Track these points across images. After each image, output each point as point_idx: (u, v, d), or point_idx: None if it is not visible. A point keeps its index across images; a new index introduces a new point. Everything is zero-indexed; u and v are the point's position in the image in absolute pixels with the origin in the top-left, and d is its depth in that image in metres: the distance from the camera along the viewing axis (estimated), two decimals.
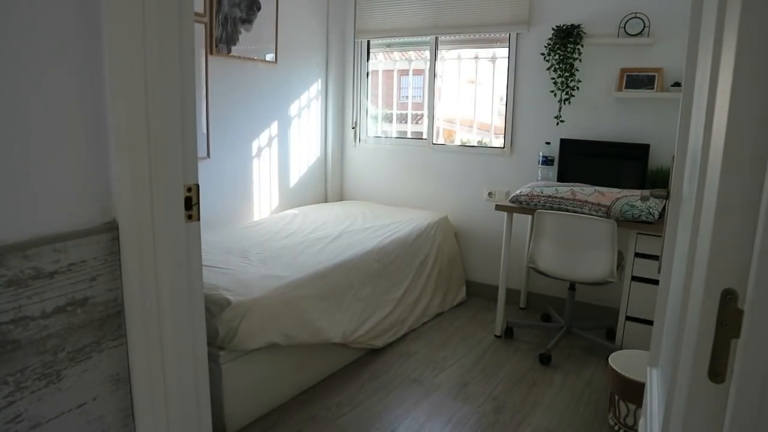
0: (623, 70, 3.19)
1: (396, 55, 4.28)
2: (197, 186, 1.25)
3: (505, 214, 3.07)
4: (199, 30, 3.04)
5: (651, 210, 2.65)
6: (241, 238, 3.00)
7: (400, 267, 3.12)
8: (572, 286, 3.03)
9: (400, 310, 3.07)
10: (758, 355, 0.64)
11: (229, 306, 2.11)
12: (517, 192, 3.02)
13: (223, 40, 3.20)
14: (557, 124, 3.42)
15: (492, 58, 3.80)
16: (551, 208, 2.85)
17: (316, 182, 4.21)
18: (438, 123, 4.00)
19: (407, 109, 4.34)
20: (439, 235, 3.50)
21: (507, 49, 3.59)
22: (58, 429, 1.16)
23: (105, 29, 1.14)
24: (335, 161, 4.27)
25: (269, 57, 3.58)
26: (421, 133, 4.06)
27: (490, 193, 3.72)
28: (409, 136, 4.21)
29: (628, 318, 2.82)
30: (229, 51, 3.26)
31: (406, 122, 4.37)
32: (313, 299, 2.45)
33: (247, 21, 3.35)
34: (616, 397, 2.24)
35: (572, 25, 3.26)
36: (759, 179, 0.64)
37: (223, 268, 2.45)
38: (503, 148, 3.66)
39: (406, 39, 3.99)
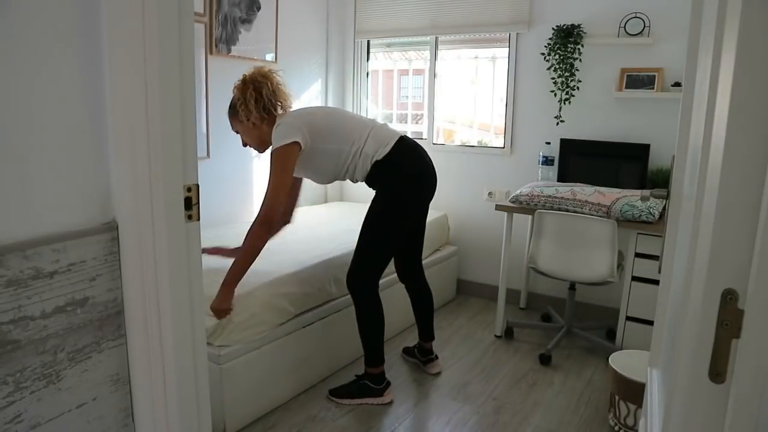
0: (623, 70, 3.19)
1: (396, 55, 4.28)
2: (197, 186, 1.25)
3: (505, 214, 3.07)
4: (199, 30, 3.04)
5: (651, 210, 2.65)
6: (236, 236, 2.99)
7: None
8: (572, 286, 3.02)
9: None
10: (759, 355, 0.64)
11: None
12: (518, 192, 3.02)
13: (223, 39, 3.20)
14: (557, 124, 3.41)
15: (492, 58, 3.80)
16: (551, 208, 2.84)
17: None
18: (438, 123, 4.00)
19: (407, 109, 4.34)
20: (431, 232, 3.51)
21: (507, 49, 3.58)
22: (58, 429, 1.16)
23: (105, 29, 1.14)
24: None
25: (269, 57, 3.58)
26: (421, 133, 4.06)
27: (490, 193, 3.72)
28: (409, 135, 4.19)
29: (628, 318, 2.82)
30: (229, 51, 3.25)
31: (406, 122, 4.37)
32: (300, 294, 2.47)
33: (247, 21, 3.35)
34: (617, 397, 2.24)
35: (572, 25, 3.26)
36: (759, 179, 0.64)
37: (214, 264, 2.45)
38: (503, 148, 3.66)
39: (406, 39, 3.99)
